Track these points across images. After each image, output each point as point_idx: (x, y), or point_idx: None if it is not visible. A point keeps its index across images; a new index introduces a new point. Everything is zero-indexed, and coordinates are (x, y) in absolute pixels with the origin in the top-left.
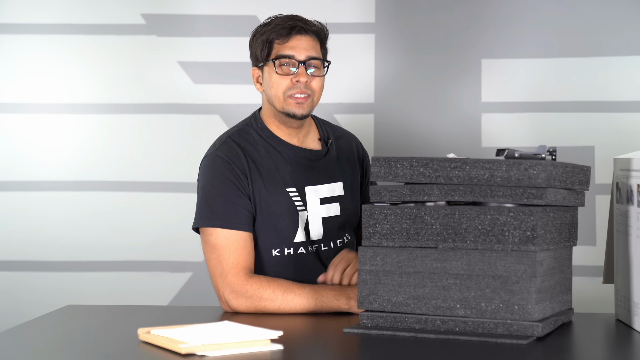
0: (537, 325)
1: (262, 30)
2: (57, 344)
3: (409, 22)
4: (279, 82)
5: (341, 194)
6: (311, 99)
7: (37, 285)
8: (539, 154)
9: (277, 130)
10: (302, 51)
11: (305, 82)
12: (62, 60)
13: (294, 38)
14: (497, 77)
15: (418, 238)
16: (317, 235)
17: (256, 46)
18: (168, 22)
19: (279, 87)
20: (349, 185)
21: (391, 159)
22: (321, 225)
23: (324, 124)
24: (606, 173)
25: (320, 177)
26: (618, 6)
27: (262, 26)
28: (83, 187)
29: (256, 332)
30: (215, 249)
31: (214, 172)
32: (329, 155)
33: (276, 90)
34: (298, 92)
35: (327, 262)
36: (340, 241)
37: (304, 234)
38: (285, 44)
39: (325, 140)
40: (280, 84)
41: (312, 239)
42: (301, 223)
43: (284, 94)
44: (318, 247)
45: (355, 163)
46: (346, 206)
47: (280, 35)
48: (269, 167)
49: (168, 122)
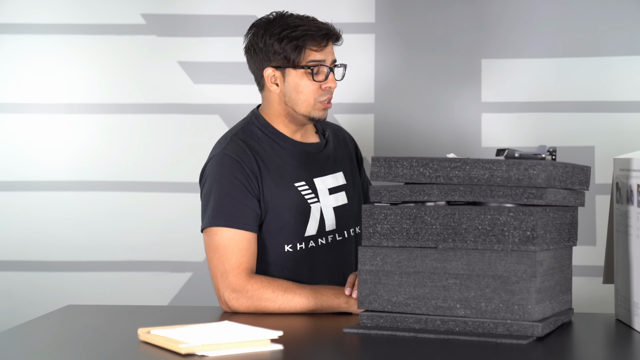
0: (537, 325)
1: (291, 35)
2: (57, 344)
3: (409, 22)
4: (310, 88)
5: (344, 182)
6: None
7: (37, 285)
8: (539, 154)
9: (283, 127)
10: (330, 56)
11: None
12: (62, 60)
13: (328, 45)
14: (497, 77)
15: (418, 238)
16: (331, 225)
17: (281, 48)
18: (168, 22)
19: (310, 93)
20: (349, 174)
21: (391, 159)
22: (334, 215)
23: None
24: (606, 173)
25: (325, 168)
26: (618, 6)
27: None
28: (83, 187)
29: (256, 332)
30: (219, 248)
31: (222, 171)
32: (328, 146)
33: (307, 95)
34: (329, 97)
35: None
36: (352, 230)
37: (317, 226)
38: (320, 51)
39: (322, 132)
40: (313, 90)
41: (327, 230)
42: (314, 215)
43: (315, 100)
44: (333, 237)
45: (350, 152)
46: (351, 194)
47: (315, 41)
48: (276, 163)
49: (168, 122)
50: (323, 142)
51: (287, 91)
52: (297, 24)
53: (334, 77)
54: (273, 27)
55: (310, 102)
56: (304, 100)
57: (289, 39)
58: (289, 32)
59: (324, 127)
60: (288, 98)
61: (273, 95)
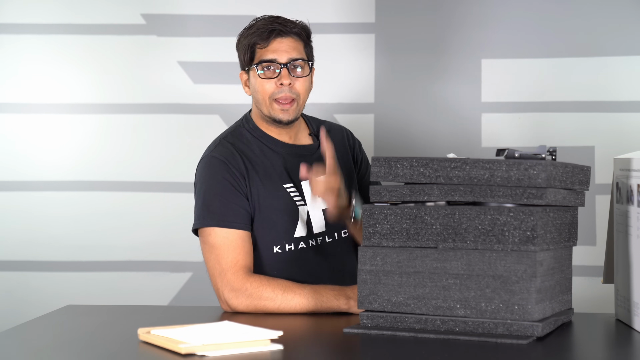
0: (537, 325)
1: (245, 34)
2: (57, 344)
3: (409, 22)
4: (263, 86)
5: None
6: (296, 103)
7: (37, 285)
8: (539, 154)
9: (267, 129)
10: (283, 54)
11: (289, 85)
12: (62, 60)
13: (275, 41)
14: (497, 77)
15: (418, 238)
16: (320, 227)
17: (240, 51)
18: (168, 22)
19: (264, 91)
20: (344, 174)
21: (391, 159)
22: (323, 217)
23: (312, 120)
24: (606, 173)
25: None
26: (618, 6)
27: (245, 30)
28: (83, 187)
29: (256, 332)
30: (214, 248)
31: (210, 172)
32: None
33: (262, 94)
34: (283, 95)
35: (330, 253)
36: (344, 232)
37: (305, 228)
38: (266, 48)
39: (315, 134)
40: (265, 88)
41: (315, 232)
42: (302, 217)
43: (270, 98)
44: (322, 239)
45: (347, 152)
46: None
47: (261, 39)
48: (264, 165)
49: (168, 122)
50: (316, 144)
51: (252, 93)
52: (253, 25)
53: (287, 74)
54: (241, 31)
55: (265, 100)
56: (261, 100)
57: (243, 39)
58: (243, 33)
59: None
60: (255, 100)
61: (251, 98)
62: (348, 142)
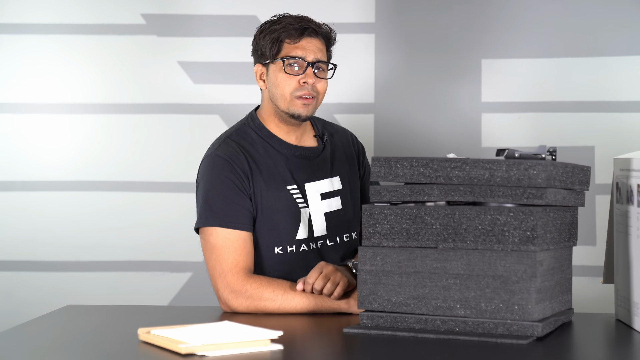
0: (537, 325)
1: (271, 28)
2: (57, 344)
3: (409, 22)
4: (286, 82)
5: (340, 187)
6: (315, 101)
7: (37, 285)
8: (539, 154)
9: (275, 128)
10: (311, 53)
11: (312, 84)
12: (62, 60)
13: (305, 39)
14: (497, 77)
15: (418, 238)
16: (321, 231)
17: (264, 43)
18: (168, 22)
19: (285, 87)
20: (347, 179)
21: (391, 159)
22: (324, 221)
23: (318, 121)
24: (606, 173)
25: (320, 173)
26: (618, 6)
27: (271, 24)
28: (83, 187)
29: (256, 332)
30: (215, 248)
31: (214, 171)
32: (326, 150)
33: (282, 90)
34: (305, 93)
35: (331, 257)
36: (346, 236)
37: (307, 230)
38: (295, 45)
39: (320, 136)
40: (288, 83)
41: (316, 235)
42: (303, 220)
43: (291, 94)
44: (323, 243)
45: (352, 156)
46: (347, 199)
47: (291, 35)
48: (268, 165)
49: (168, 122)
50: (320, 147)
51: (269, 86)
52: (281, 20)
53: (312, 73)
54: (264, 25)
55: (286, 96)
56: (281, 95)
57: (269, 33)
58: (269, 27)
59: (326, 130)
60: (271, 94)
61: (264, 93)
62: (353, 147)
